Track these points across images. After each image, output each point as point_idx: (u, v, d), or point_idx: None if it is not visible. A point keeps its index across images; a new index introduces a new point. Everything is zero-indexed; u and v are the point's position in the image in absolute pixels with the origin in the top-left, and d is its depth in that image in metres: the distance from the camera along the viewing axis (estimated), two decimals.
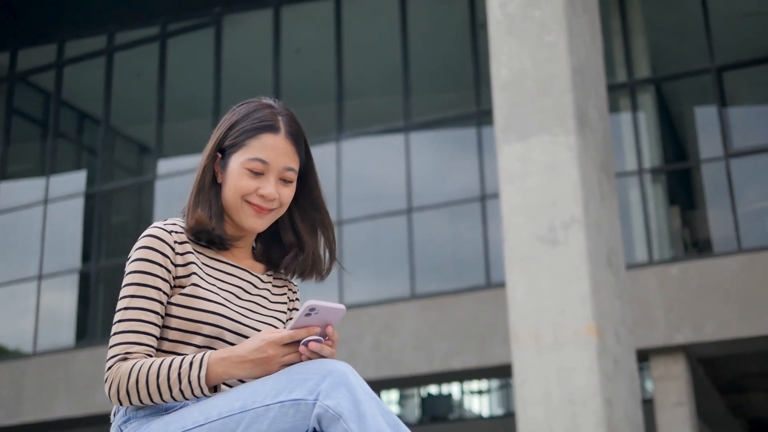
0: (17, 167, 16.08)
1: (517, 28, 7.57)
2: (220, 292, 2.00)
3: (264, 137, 2.03)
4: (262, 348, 1.82)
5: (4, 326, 15.17)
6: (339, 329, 8.88)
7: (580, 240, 6.98)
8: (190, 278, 1.97)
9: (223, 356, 1.84)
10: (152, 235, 1.98)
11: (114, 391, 1.87)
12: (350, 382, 1.74)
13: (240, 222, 2.05)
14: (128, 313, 1.92)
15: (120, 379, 1.87)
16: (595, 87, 8.01)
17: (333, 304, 1.81)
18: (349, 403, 1.72)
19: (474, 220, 12.41)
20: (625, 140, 12.34)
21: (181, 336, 1.95)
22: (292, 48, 14.25)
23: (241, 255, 2.11)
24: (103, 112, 15.03)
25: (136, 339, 1.90)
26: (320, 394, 1.73)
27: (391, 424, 1.74)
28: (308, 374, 1.76)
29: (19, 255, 15.15)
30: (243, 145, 2.03)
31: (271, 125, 2.04)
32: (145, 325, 1.92)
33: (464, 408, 20.69)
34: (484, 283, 11.85)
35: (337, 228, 13.10)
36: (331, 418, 1.72)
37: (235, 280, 2.06)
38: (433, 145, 13.75)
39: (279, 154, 2.03)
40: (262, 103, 2.10)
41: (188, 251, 2.00)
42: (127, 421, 1.93)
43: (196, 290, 1.96)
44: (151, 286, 1.94)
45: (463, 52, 13.08)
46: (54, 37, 15.39)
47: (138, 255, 1.96)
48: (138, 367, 1.86)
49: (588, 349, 6.77)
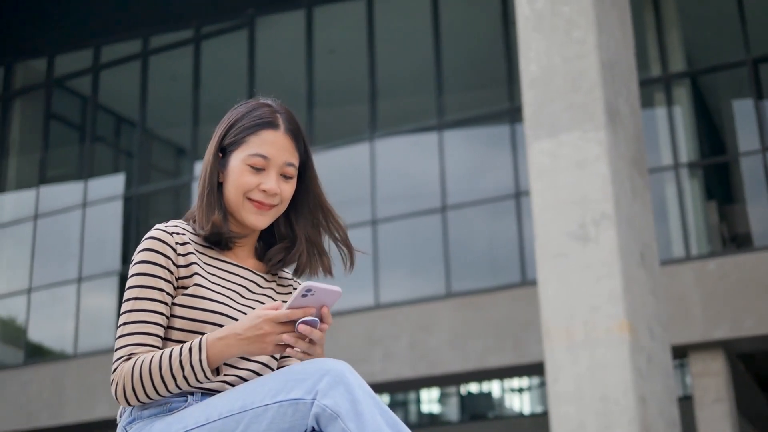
0: (56, 172, 16.26)
1: (546, 24, 7.53)
2: (224, 291, 2.01)
3: (264, 133, 2.05)
4: (259, 325, 1.83)
5: (46, 329, 15.35)
6: (375, 328, 8.98)
7: (612, 236, 6.93)
8: (193, 278, 1.99)
9: (220, 336, 1.86)
10: (153, 237, 1.99)
11: (120, 390, 1.89)
12: (348, 382, 1.75)
13: (242, 219, 2.06)
14: (132, 315, 1.94)
15: (124, 378, 1.88)
16: (626, 82, 7.95)
17: (330, 287, 1.83)
18: (346, 402, 1.73)
19: (508, 217, 12.37)
20: (661, 135, 12.23)
21: (184, 336, 1.96)
22: (325, 48, 14.28)
23: (244, 255, 2.13)
24: (140, 116, 15.17)
25: (140, 340, 1.92)
26: (318, 394, 1.74)
27: (390, 423, 1.74)
28: (306, 374, 1.77)
29: (60, 258, 15.32)
30: (243, 142, 2.05)
31: (271, 122, 2.07)
32: (148, 326, 1.93)
33: (504, 406, 20.63)
34: (519, 281, 11.82)
35: (371, 227, 13.14)
36: (329, 417, 1.73)
37: (238, 279, 2.07)
38: (467, 143, 13.72)
39: (279, 150, 2.05)
40: (261, 102, 2.13)
41: (190, 252, 2.01)
42: (132, 421, 1.94)
43: (199, 290, 1.98)
44: (154, 288, 1.95)
45: (495, 48, 13.04)
46: (90, 42, 15.55)
47: (140, 258, 1.98)
48: (140, 363, 1.88)
49: (620, 346, 6.72)
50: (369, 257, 12.82)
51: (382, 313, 12.23)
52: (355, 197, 13.30)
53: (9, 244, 15.91)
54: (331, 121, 14.17)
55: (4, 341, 15.90)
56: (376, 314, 12.26)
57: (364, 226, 12.98)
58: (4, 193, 16.41)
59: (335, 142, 13.76)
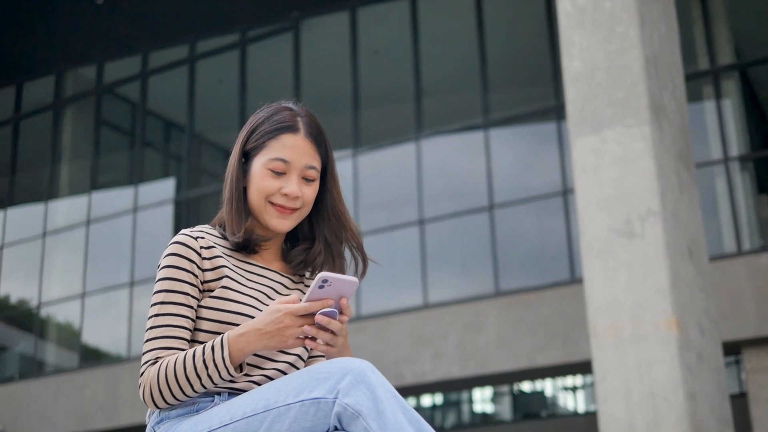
0: (107, 177, 16.48)
1: (588, 20, 7.49)
2: (251, 293, 2.03)
3: (284, 137, 2.07)
4: (278, 318, 1.84)
5: (100, 332, 15.55)
6: (423, 328, 8.97)
7: (658, 232, 6.86)
8: (220, 281, 2.00)
9: (241, 332, 1.88)
10: (178, 242, 2.02)
11: (147, 394, 1.92)
12: (370, 380, 1.75)
13: (265, 223, 2.08)
14: (158, 319, 1.96)
15: (151, 381, 1.91)
16: (672, 76, 7.87)
17: (346, 277, 1.84)
18: (368, 401, 1.73)
19: (556, 214, 12.30)
20: (710, 129, 12.08)
21: (211, 338, 1.97)
22: (370, 49, 14.31)
23: (270, 257, 2.14)
24: (188, 120, 15.32)
25: (166, 344, 1.94)
26: (340, 393, 1.75)
27: (412, 421, 1.75)
28: (328, 373, 1.78)
29: (112, 263, 15.52)
30: (264, 146, 2.07)
31: (291, 126, 2.08)
32: (174, 329, 1.96)
33: (557, 405, 20.50)
34: (568, 279, 11.74)
35: (418, 227, 13.14)
36: (350, 416, 1.74)
37: (265, 281, 2.08)
38: (513, 141, 13.67)
39: (299, 154, 2.06)
40: (282, 106, 2.15)
41: (217, 255, 2.03)
42: (160, 422, 1.97)
43: (226, 292, 2.00)
44: (180, 292, 1.97)
45: (540, 45, 12.97)
46: (138, 49, 15.74)
47: (165, 263, 2.00)
48: (165, 366, 1.90)
49: (668, 343, 6.65)
50: (417, 257, 12.82)
51: (431, 312, 12.22)
52: (402, 197, 13.31)
53: (62, 249, 16.15)
54: (377, 122, 14.19)
55: (59, 345, 16.15)
56: (425, 314, 12.25)
57: (411, 226, 12.98)
58: (57, 200, 16.66)
59: (381, 143, 13.78)
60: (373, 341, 12.32)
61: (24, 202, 17.30)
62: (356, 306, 12.86)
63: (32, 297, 16.14)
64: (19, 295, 16.73)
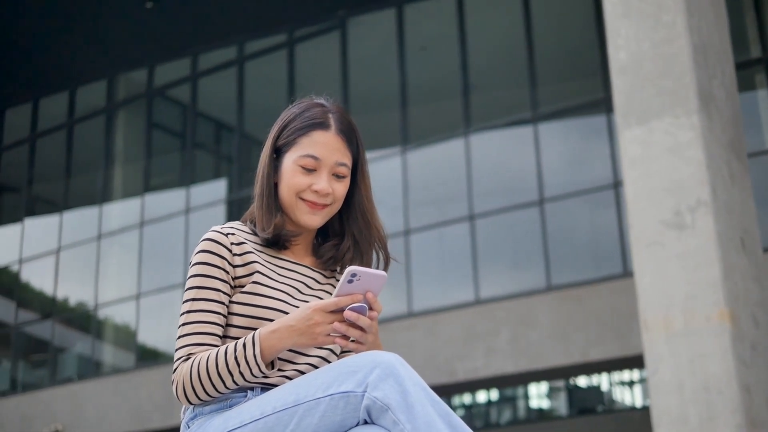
0: (159, 179, 16.66)
1: (634, 10, 7.40)
2: (282, 288, 2.04)
3: (315, 134, 2.07)
4: (308, 315, 1.85)
5: (156, 332, 15.73)
6: (475, 323, 8.92)
7: (709, 223, 6.77)
8: (251, 277, 2.02)
9: (273, 329, 1.89)
10: (209, 239, 2.03)
11: (181, 390, 1.93)
12: (398, 373, 1.75)
13: (296, 219, 2.09)
14: (190, 316, 1.98)
15: (184, 378, 1.92)
16: (721, 65, 7.75)
17: (375, 271, 1.83)
18: (397, 394, 1.73)
19: (608, 207, 12.19)
20: (764, 118, 11.90)
21: (242, 333, 1.99)
22: (417, 45, 14.29)
23: (301, 252, 2.15)
24: (237, 121, 15.43)
25: (199, 340, 1.96)
26: (368, 386, 1.75)
27: (441, 414, 1.74)
28: (357, 366, 1.78)
29: (166, 264, 15.69)
30: (295, 143, 2.08)
31: (322, 122, 2.09)
32: (206, 326, 1.97)
33: (613, 399, 20.32)
34: (620, 272, 11.62)
35: (469, 223, 13.06)
36: (379, 409, 1.74)
37: (296, 276, 2.09)
38: (563, 135, 13.56)
39: (330, 150, 2.07)
40: (314, 102, 2.15)
41: (247, 251, 2.04)
42: (194, 417, 1.98)
43: (257, 288, 2.01)
44: (210, 288, 1.99)
45: (588, 37, 12.86)
46: (187, 51, 15.89)
47: (196, 259, 2.02)
48: (197, 362, 1.91)
49: (721, 335, 6.56)
50: (468, 252, 12.79)
51: (483, 308, 12.18)
52: (452, 193, 13.28)
53: (117, 251, 16.36)
54: (425, 118, 14.17)
55: (116, 346, 16.37)
56: (476, 310, 12.21)
57: (461, 222, 12.95)
58: (111, 203, 16.88)
59: (430, 139, 13.76)
60: (425, 338, 12.32)
61: (79, 205, 17.55)
62: (407, 303, 12.86)
63: (89, 298, 16.37)
64: (76, 297, 16.99)
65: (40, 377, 16.82)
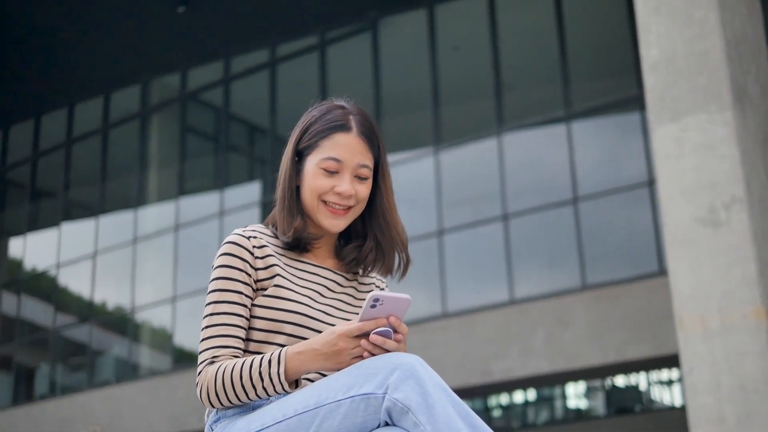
0: (194, 183, 16.75)
1: (665, 6, 7.35)
2: (303, 291, 2.04)
3: (336, 136, 2.07)
4: (333, 341, 1.85)
5: (192, 335, 15.80)
6: (510, 323, 8.89)
7: (744, 220, 6.70)
8: (273, 280, 2.02)
9: (299, 350, 1.89)
10: (231, 242, 2.04)
11: (204, 394, 1.94)
12: (419, 375, 1.74)
13: (319, 222, 2.08)
14: (213, 318, 1.99)
15: (208, 383, 1.93)
16: (755, 60, 7.68)
17: (398, 294, 1.82)
18: (417, 395, 1.73)
19: (642, 205, 12.09)
20: None
21: (265, 336, 2.00)
22: (449, 45, 14.27)
23: (324, 255, 2.15)
24: (270, 123, 15.48)
25: (222, 342, 1.97)
26: (389, 388, 1.74)
27: (462, 415, 1.73)
28: (377, 369, 1.77)
29: (201, 266, 15.75)
30: (317, 146, 2.07)
31: (343, 124, 2.08)
32: (229, 328, 1.98)
33: (651, 399, 20.16)
34: (656, 270, 11.53)
35: (503, 222, 13.00)
36: (400, 411, 1.73)
37: (318, 279, 2.09)
38: (596, 133, 13.48)
39: (352, 152, 2.06)
40: (335, 104, 2.14)
41: (269, 254, 2.04)
42: (217, 420, 1.99)
43: (279, 291, 2.01)
44: (233, 291, 2.00)
45: (620, 34, 12.77)
46: (220, 55, 15.97)
47: (219, 262, 2.03)
48: (222, 370, 1.92)
49: (758, 333, 6.49)
50: (502, 252, 12.74)
51: (517, 308, 12.13)
52: (486, 193, 13.23)
53: (152, 255, 16.47)
54: (458, 118, 14.14)
55: (153, 348, 16.48)
56: (511, 309, 12.17)
57: (495, 221, 12.91)
58: (146, 206, 16.99)
59: (463, 139, 13.73)
60: (460, 338, 12.28)
61: (114, 209, 17.69)
62: (442, 304, 12.83)
63: (125, 302, 16.49)
64: (113, 301, 17.13)
65: (79, 380, 16.97)
